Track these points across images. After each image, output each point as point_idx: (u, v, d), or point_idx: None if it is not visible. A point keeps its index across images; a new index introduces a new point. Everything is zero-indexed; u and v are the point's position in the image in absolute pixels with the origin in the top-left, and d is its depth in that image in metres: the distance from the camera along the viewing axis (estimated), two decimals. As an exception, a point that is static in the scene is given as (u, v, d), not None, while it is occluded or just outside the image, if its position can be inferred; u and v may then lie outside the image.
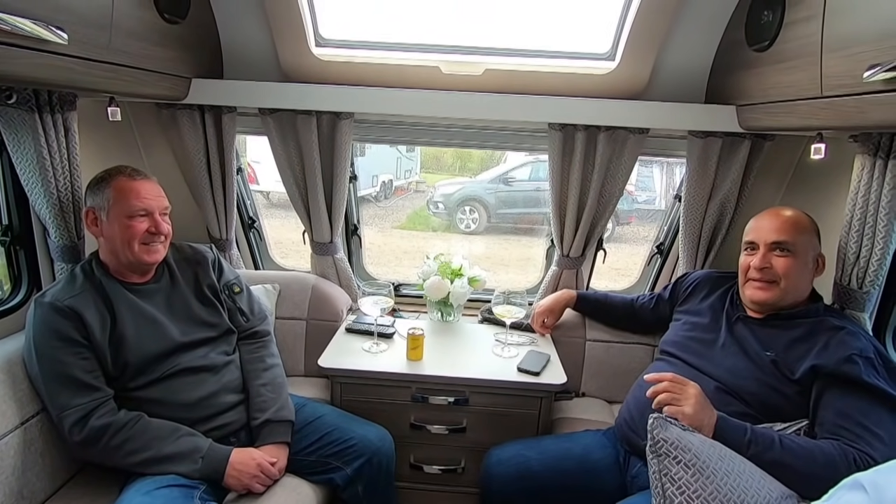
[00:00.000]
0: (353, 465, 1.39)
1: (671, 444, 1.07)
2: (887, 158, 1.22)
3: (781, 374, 1.22)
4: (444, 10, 1.66)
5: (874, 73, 0.94)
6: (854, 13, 1.05)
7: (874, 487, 0.83)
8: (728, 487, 1.03)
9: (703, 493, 1.02)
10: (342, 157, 1.77)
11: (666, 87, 1.66)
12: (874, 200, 1.27)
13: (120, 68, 1.26)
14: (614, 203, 1.80)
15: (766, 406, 1.22)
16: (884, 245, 1.26)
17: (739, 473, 1.06)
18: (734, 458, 1.09)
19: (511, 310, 1.69)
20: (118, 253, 1.32)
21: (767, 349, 1.27)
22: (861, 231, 1.31)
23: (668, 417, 1.11)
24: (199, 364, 1.37)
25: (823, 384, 1.16)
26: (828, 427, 1.13)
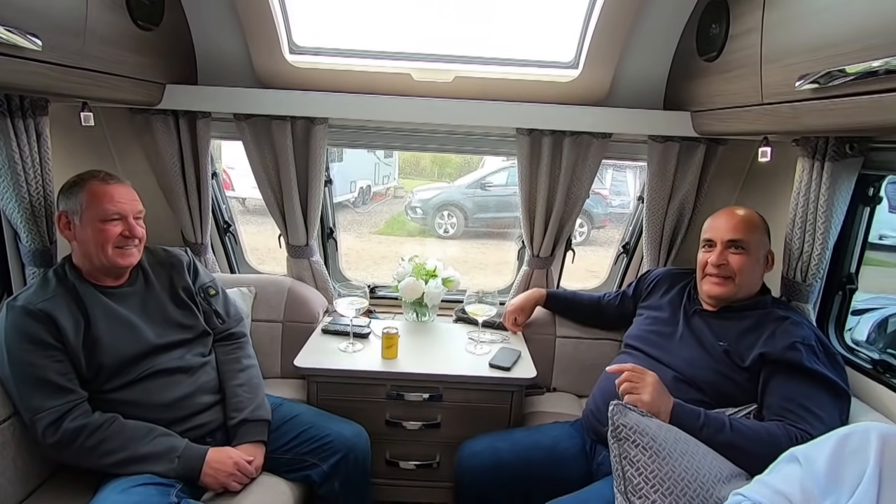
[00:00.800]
0: (329, 462, 1.42)
1: (630, 428, 1.14)
2: (824, 161, 1.32)
3: (733, 362, 1.31)
4: (416, 18, 1.72)
5: (803, 82, 1.03)
6: (788, 28, 1.15)
7: (806, 459, 0.91)
8: (682, 468, 1.10)
9: (659, 473, 1.09)
10: (317, 161, 1.80)
11: (626, 94, 1.75)
12: (814, 200, 1.37)
13: (94, 74, 1.28)
14: (581, 204, 1.88)
15: (720, 393, 1.30)
16: (823, 241, 1.36)
17: (693, 455, 1.13)
18: (689, 440, 1.16)
19: (483, 308, 1.75)
20: (92, 256, 1.33)
21: (720, 340, 1.35)
22: (804, 228, 1.41)
23: (627, 404, 1.18)
24: (175, 365, 1.39)
25: (770, 370, 1.25)
26: (774, 410, 1.21)
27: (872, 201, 1.41)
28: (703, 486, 1.08)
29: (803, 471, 0.91)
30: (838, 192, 1.32)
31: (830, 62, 0.99)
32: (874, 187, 1.39)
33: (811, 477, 0.89)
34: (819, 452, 0.90)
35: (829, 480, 0.87)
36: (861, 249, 1.44)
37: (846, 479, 0.85)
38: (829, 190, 1.32)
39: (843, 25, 0.98)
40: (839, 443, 0.89)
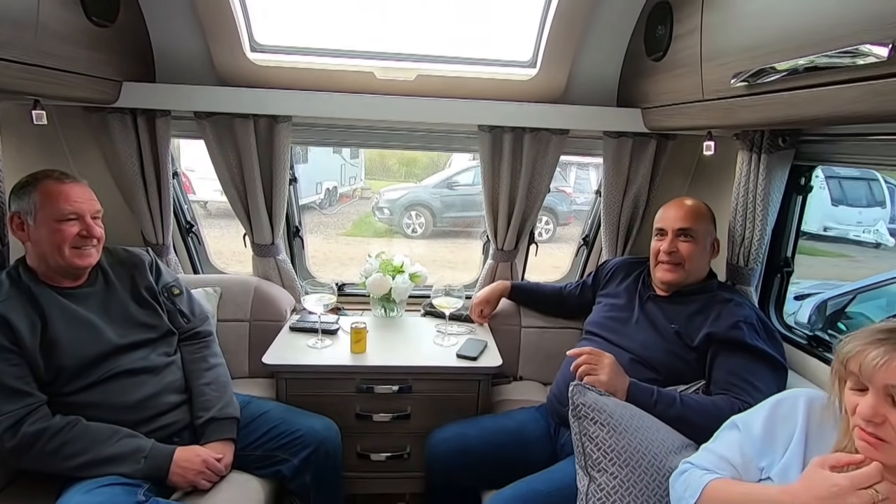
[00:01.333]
0: (300, 456, 1.43)
1: (589, 406, 1.20)
2: (760, 153, 1.43)
3: (683, 343, 1.40)
4: (378, 17, 1.74)
5: (737, 80, 1.12)
6: (724, 29, 1.24)
7: (745, 425, 0.99)
8: (638, 441, 1.17)
9: (616, 447, 1.16)
10: (281, 159, 1.81)
11: (582, 92, 1.83)
12: (752, 189, 1.47)
13: (46, 70, 1.25)
14: (542, 199, 1.94)
15: (672, 371, 1.39)
16: (762, 228, 1.47)
17: (647, 429, 1.21)
18: (643, 416, 1.24)
19: (450, 301, 1.79)
20: (47, 258, 1.30)
21: (672, 322, 1.44)
22: (744, 216, 1.52)
23: (586, 385, 1.24)
24: (139, 366, 1.37)
25: (716, 348, 1.34)
26: (720, 384, 1.30)
27: (804, 190, 1.52)
28: (657, 457, 1.16)
29: (742, 436, 0.99)
30: (773, 182, 1.43)
31: (761, 61, 1.07)
32: (805, 177, 1.51)
33: (749, 441, 0.97)
34: (755, 419, 0.98)
35: (764, 443, 0.95)
36: (795, 235, 1.56)
37: (779, 440, 0.94)
38: (765, 180, 1.43)
39: (772, 27, 1.07)
40: (772, 409, 0.97)
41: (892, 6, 0.78)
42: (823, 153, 1.40)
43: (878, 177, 5.62)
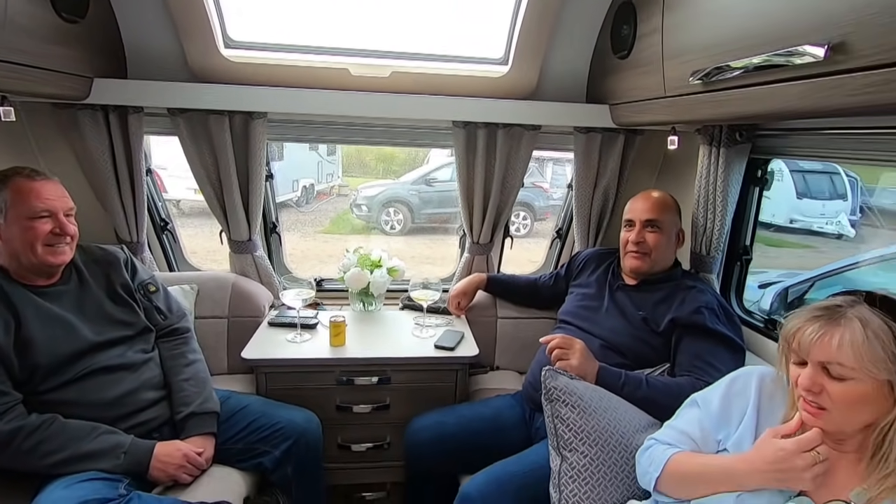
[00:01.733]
0: (281, 448, 1.46)
1: (560, 390, 1.26)
2: (720, 147, 1.51)
3: (650, 328, 1.47)
4: (352, 15, 1.76)
5: (695, 77, 1.18)
6: (684, 29, 1.30)
7: (703, 402, 1.06)
8: (606, 421, 1.23)
9: (586, 427, 1.22)
10: (257, 156, 1.81)
11: (552, 88, 1.89)
12: (713, 181, 1.55)
13: (14, 66, 1.23)
14: (515, 193, 1.99)
15: (639, 356, 1.46)
16: (722, 218, 1.55)
17: (615, 410, 1.27)
18: (611, 398, 1.30)
19: (428, 294, 1.83)
20: (19, 256, 1.29)
21: (639, 310, 1.51)
22: (706, 207, 1.60)
23: (557, 369, 1.30)
24: (116, 363, 1.37)
25: (680, 333, 1.42)
26: (684, 366, 1.38)
27: (761, 182, 1.61)
28: (625, 435, 1.22)
29: (701, 412, 1.06)
30: (732, 174, 1.51)
31: (717, 59, 1.14)
32: (762, 170, 1.59)
33: (707, 416, 1.04)
34: (713, 396, 1.05)
35: (721, 417, 1.02)
36: (753, 225, 1.64)
37: (734, 414, 1.01)
38: (724, 173, 1.50)
39: (727, 28, 1.13)
40: (728, 386, 1.04)
41: (830, 11, 0.85)
42: (777, 147, 1.48)
43: (840, 170, 5.86)
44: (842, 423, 0.83)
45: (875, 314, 0.80)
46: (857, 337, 0.78)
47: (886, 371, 0.77)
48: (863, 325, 0.79)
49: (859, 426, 0.83)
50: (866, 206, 5.65)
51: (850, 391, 0.80)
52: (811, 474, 0.84)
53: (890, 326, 0.78)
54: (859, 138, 1.23)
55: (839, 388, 0.81)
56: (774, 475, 0.86)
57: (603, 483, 1.18)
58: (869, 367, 0.77)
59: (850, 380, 0.80)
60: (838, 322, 0.81)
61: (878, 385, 0.78)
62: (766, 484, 0.88)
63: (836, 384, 0.81)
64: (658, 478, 1.02)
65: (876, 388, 0.79)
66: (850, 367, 0.79)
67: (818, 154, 1.37)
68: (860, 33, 0.79)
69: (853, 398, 0.80)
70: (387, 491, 1.83)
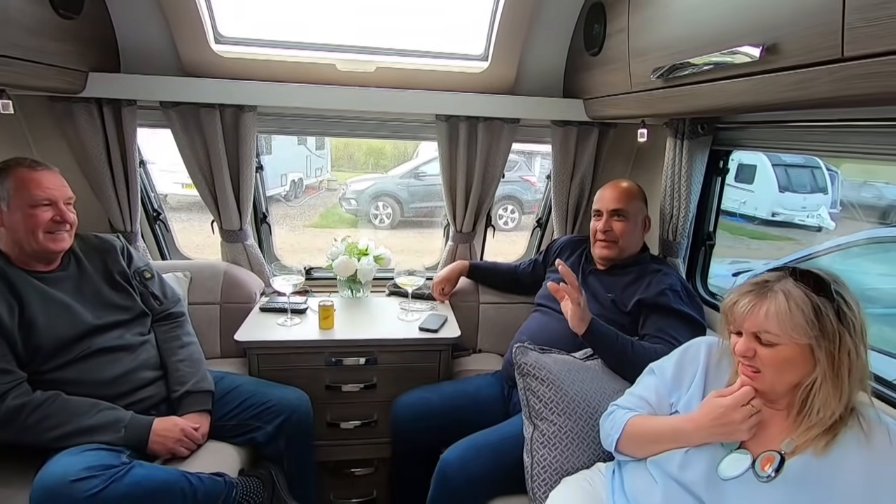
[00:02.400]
0: (273, 423, 1.54)
1: (530, 365, 1.36)
2: (684, 139, 1.61)
3: (619, 309, 1.57)
4: (338, 11, 1.84)
5: (655, 74, 1.28)
6: (646, 29, 1.40)
7: (659, 370, 1.17)
8: (574, 392, 1.34)
9: (555, 398, 1.33)
10: (247, 148, 1.88)
11: (530, 84, 1.98)
12: (678, 171, 1.66)
13: (15, 61, 1.30)
14: (497, 183, 2.09)
15: (608, 333, 1.56)
16: (686, 205, 1.66)
17: (583, 381, 1.38)
18: (580, 369, 1.41)
19: (413, 280, 1.93)
20: (22, 242, 1.35)
21: (609, 292, 1.62)
22: (672, 195, 1.70)
23: (527, 345, 1.40)
24: (115, 344, 1.45)
25: (647, 312, 1.52)
26: (650, 339, 1.48)
27: (723, 172, 1.72)
28: (591, 404, 1.33)
29: (657, 379, 1.17)
30: (695, 165, 1.62)
31: (675, 57, 1.24)
32: (723, 160, 1.70)
33: (662, 382, 1.15)
34: (668, 364, 1.16)
35: (673, 383, 1.13)
36: (716, 212, 1.76)
37: (685, 379, 1.12)
38: (688, 163, 1.61)
39: (683, 30, 1.23)
40: (681, 354, 1.15)
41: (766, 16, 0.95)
42: (736, 139, 1.59)
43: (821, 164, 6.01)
44: (773, 383, 0.94)
45: (798, 287, 0.90)
46: (781, 308, 0.89)
47: (807, 336, 0.88)
48: (786, 297, 0.89)
49: (788, 386, 0.94)
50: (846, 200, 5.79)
51: (777, 355, 0.91)
52: (747, 426, 0.95)
53: (810, 298, 0.89)
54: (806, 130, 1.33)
55: (769, 353, 0.92)
56: (716, 429, 0.98)
57: (571, 448, 1.28)
58: (791, 334, 0.88)
59: (778, 345, 0.90)
60: (766, 296, 0.92)
61: (800, 349, 0.89)
62: (709, 438, 0.99)
63: (766, 350, 0.92)
64: (618, 439, 1.13)
65: (799, 351, 0.89)
66: (775, 334, 0.89)
67: (770, 145, 1.48)
68: (789, 37, 0.90)
69: (781, 361, 0.91)
70: (374, 467, 1.92)
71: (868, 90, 0.77)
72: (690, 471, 1.00)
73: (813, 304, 0.88)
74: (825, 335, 0.87)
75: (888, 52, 0.72)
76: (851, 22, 0.77)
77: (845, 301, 0.90)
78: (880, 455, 0.86)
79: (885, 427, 0.88)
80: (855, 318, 0.89)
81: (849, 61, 0.78)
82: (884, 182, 4.82)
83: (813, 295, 0.89)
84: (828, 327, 0.87)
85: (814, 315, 0.88)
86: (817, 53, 0.83)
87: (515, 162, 6.76)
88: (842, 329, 0.88)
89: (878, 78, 0.75)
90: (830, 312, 0.88)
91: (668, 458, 1.04)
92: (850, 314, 0.89)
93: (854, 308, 0.90)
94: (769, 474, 0.92)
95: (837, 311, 0.88)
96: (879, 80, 0.74)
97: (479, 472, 1.35)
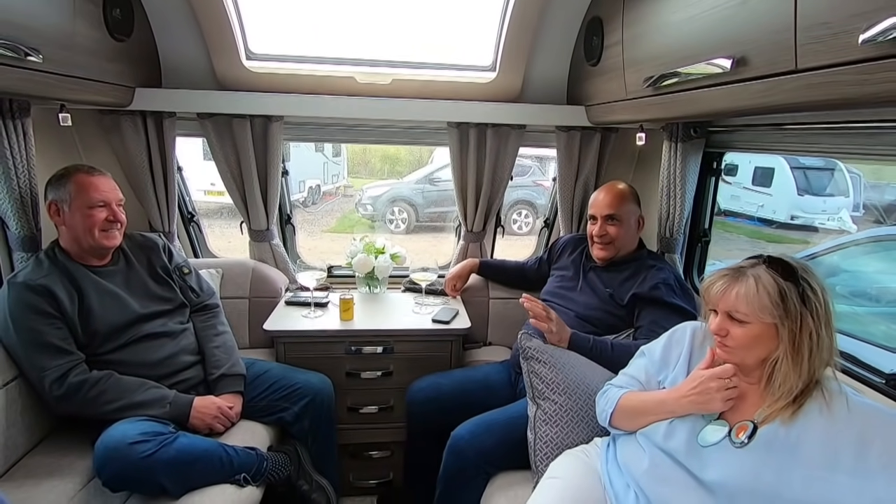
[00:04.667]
0: (299, 404, 1.69)
1: (534, 349, 1.49)
2: (678, 142, 1.73)
3: (616, 302, 1.69)
4: (357, 28, 2.00)
5: (647, 83, 1.41)
6: (638, 42, 1.52)
7: (649, 352, 1.29)
8: (574, 375, 1.46)
9: (556, 380, 1.44)
10: (274, 154, 2.06)
11: (536, 92, 2.12)
12: (674, 172, 1.77)
13: (79, 80, 1.48)
14: (505, 185, 2.22)
15: (607, 325, 1.68)
16: (682, 204, 1.77)
17: (582, 366, 1.50)
18: (578, 357, 1.53)
19: (427, 275, 2.07)
20: (80, 239, 1.53)
21: (608, 287, 1.73)
22: (669, 195, 1.82)
23: (532, 333, 1.53)
24: (159, 331, 1.61)
25: (641, 305, 1.64)
26: (643, 333, 1.59)
27: (716, 173, 1.83)
28: (589, 386, 1.45)
29: (647, 360, 1.29)
30: (689, 166, 1.73)
31: (664, 68, 1.36)
32: (716, 162, 1.81)
33: (651, 363, 1.27)
34: (657, 346, 1.28)
35: (661, 363, 1.25)
36: (711, 211, 1.86)
37: (672, 359, 1.23)
38: (682, 164, 1.73)
39: (670, 42, 1.35)
40: (668, 337, 1.27)
41: (735, 32, 1.07)
42: (727, 141, 1.70)
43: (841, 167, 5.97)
44: (744, 358, 1.05)
45: (768, 272, 1.02)
46: (750, 290, 1.00)
47: (772, 316, 0.99)
48: (755, 281, 1.01)
49: (756, 360, 1.05)
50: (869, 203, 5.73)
51: (747, 333, 1.02)
52: (721, 396, 1.06)
53: (777, 282, 1.00)
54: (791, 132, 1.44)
55: (740, 330, 1.03)
56: (695, 397, 1.09)
57: (571, 425, 1.40)
58: (758, 313, 1.00)
59: (747, 324, 1.02)
60: (738, 279, 1.03)
61: (766, 328, 1.00)
62: (690, 406, 1.11)
63: (738, 327, 1.03)
64: (612, 413, 1.25)
65: (765, 330, 1.01)
66: (744, 313, 1.01)
67: (759, 147, 1.59)
68: (754, 51, 1.02)
69: (749, 338, 1.02)
70: (391, 450, 2.06)
71: (817, 97, 0.89)
72: (674, 439, 1.11)
73: (779, 288, 0.99)
74: (788, 315, 0.98)
75: (831, 65, 0.84)
76: (802, 39, 0.89)
77: (810, 286, 1.00)
78: (839, 421, 0.96)
79: (845, 396, 0.99)
80: (819, 302, 0.99)
81: (802, 73, 0.90)
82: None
83: (780, 279, 1.00)
84: (791, 309, 0.98)
85: (779, 297, 0.99)
86: (777, 66, 0.96)
87: (529, 167, 6.87)
88: (804, 311, 0.98)
89: (824, 87, 0.87)
90: (794, 296, 0.99)
91: (654, 430, 1.16)
92: (813, 298, 0.99)
93: (819, 293, 1.00)
94: (743, 441, 1.03)
95: (802, 295, 0.99)
96: (826, 89, 0.86)
97: (488, 446, 1.48)
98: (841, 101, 0.86)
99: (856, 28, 0.77)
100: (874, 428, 0.93)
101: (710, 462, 1.05)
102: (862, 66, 0.78)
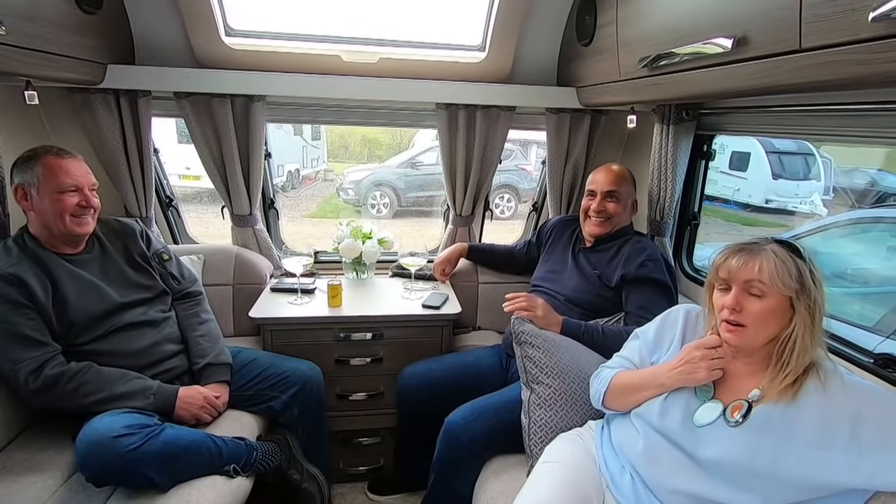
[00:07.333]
0: (288, 393, 1.66)
1: (528, 333, 1.48)
2: (670, 124, 1.72)
3: (604, 284, 1.69)
4: (343, 4, 1.92)
5: (641, 63, 1.39)
6: (633, 21, 1.50)
7: (643, 334, 1.29)
8: (567, 359, 1.46)
9: (550, 363, 1.44)
10: (257, 136, 1.98)
11: (526, 73, 2.08)
12: (665, 155, 1.77)
13: (43, 54, 1.39)
14: (494, 168, 2.19)
15: (596, 308, 1.69)
16: (672, 187, 1.77)
17: (574, 350, 1.50)
18: (571, 341, 1.53)
19: (415, 260, 2.04)
20: (50, 226, 1.44)
21: (595, 269, 1.73)
22: (660, 178, 1.81)
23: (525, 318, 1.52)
24: (140, 320, 1.55)
25: (629, 287, 1.64)
26: (632, 319, 1.60)
27: (706, 156, 1.83)
28: (582, 370, 1.45)
29: (640, 342, 1.29)
30: (680, 148, 1.73)
31: (659, 48, 1.34)
32: (707, 144, 1.81)
33: (645, 345, 1.27)
34: (650, 328, 1.28)
35: (654, 345, 1.25)
36: (700, 194, 1.87)
37: (664, 341, 1.24)
38: (673, 147, 1.72)
39: (666, 21, 1.33)
40: (661, 320, 1.27)
41: (737, 11, 1.05)
42: (718, 124, 1.70)
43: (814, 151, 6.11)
44: (754, 338, 1.05)
45: (783, 249, 1.03)
46: (771, 262, 1.01)
47: (789, 289, 1.00)
48: (774, 254, 1.02)
49: (766, 339, 1.05)
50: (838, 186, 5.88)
51: (764, 306, 1.02)
52: (707, 364, 1.09)
53: (792, 258, 1.02)
54: (785, 114, 1.44)
55: (757, 304, 1.03)
56: (682, 368, 1.11)
57: (565, 409, 1.40)
58: (779, 285, 1.00)
59: (765, 296, 1.02)
60: (758, 253, 1.04)
61: (782, 300, 1.01)
62: (677, 379, 1.12)
63: (755, 301, 1.03)
64: (605, 392, 1.25)
65: (781, 302, 1.01)
66: (767, 285, 1.01)
67: (751, 129, 1.59)
68: (756, 30, 1.00)
69: (765, 312, 1.02)
70: (381, 437, 2.05)
71: (822, 77, 0.87)
72: (668, 420, 1.12)
73: (795, 263, 1.01)
74: (804, 290, 1.00)
75: (837, 44, 0.83)
76: (807, 17, 0.87)
77: (814, 266, 1.03)
78: (834, 397, 0.98)
79: (839, 375, 1.01)
80: (821, 283, 1.02)
81: (806, 52, 0.89)
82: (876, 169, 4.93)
83: (794, 256, 1.02)
84: (806, 283, 1.00)
85: (797, 271, 1.00)
86: (780, 45, 0.94)
87: (512, 151, 6.84)
88: (814, 287, 1.00)
89: (829, 67, 0.85)
90: (806, 272, 1.01)
91: (649, 410, 1.16)
92: (817, 276, 1.02)
93: (818, 274, 1.03)
94: (737, 420, 1.04)
95: (811, 272, 1.01)
96: (831, 68, 0.85)
97: (482, 432, 1.47)
98: (845, 81, 0.85)
99: (865, 5, 0.75)
100: (868, 406, 0.94)
101: (706, 441, 1.06)
102: (870, 44, 0.76)
